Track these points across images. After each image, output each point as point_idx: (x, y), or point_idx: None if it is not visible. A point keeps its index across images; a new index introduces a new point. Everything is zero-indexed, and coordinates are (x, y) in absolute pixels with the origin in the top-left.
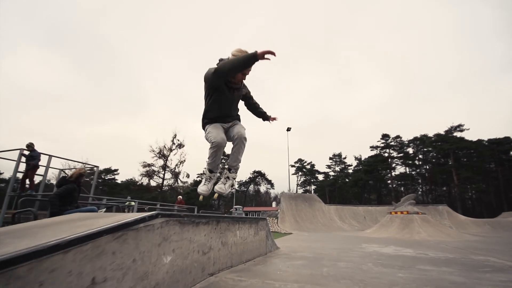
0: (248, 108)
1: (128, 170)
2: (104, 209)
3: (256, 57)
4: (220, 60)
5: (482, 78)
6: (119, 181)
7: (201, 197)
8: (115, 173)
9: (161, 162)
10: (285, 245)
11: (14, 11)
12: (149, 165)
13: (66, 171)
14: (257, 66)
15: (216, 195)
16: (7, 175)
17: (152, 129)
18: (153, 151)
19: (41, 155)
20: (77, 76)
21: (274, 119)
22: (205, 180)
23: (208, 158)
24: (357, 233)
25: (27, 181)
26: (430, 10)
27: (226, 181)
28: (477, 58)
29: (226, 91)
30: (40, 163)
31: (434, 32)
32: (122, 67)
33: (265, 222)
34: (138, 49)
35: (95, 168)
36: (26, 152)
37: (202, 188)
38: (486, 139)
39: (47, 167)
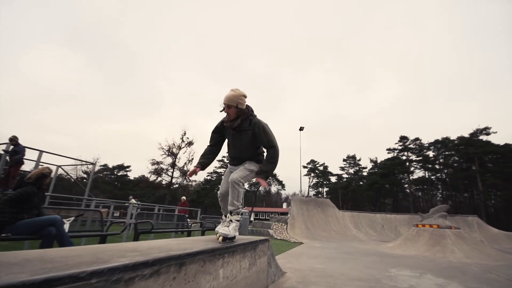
0: None
1: (141, 167)
2: (72, 219)
3: None
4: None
5: (509, 78)
6: (131, 178)
7: (219, 237)
8: (127, 169)
9: (169, 160)
10: (293, 267)
11: (35, 10)
12: (157, 163)
13: (64, 168)
14: (271, 65)
15: (220, 238)
16: None
17: (165, 128)
18: (162, 148)
19: (26, 149)
20: (95, 75)
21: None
22: (222, 223)
23: None
24: (376, 246)
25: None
26: (453, 5)
27: (229, 224)
28: (504, 56)
29: (231, 135)
30: (26, 158)
31: (456, 28)
32: (138, 68)
33: (267, 244)
34: (152, 50)
35: (91, 165)
36: (10, 147)
37: (217, 229)
38: None
39: (38, 162)
